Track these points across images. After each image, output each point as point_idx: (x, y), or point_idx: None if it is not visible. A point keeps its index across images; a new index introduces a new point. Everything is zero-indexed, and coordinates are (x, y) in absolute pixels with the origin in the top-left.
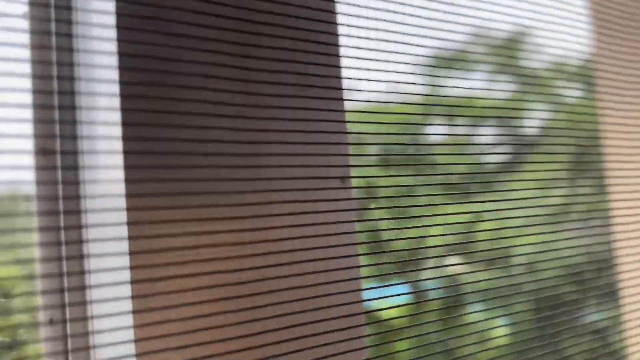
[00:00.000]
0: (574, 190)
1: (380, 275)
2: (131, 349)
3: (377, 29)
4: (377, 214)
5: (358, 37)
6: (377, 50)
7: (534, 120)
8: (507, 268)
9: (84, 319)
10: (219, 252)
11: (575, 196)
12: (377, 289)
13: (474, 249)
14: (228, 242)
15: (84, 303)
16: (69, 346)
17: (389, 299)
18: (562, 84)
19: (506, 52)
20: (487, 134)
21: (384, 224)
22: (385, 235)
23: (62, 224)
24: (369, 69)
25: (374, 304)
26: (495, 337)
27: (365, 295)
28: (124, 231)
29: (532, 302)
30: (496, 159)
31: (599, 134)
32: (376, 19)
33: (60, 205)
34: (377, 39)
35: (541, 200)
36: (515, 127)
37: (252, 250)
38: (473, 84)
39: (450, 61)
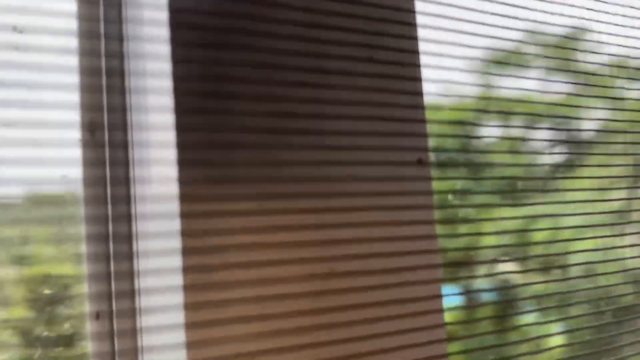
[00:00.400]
0: (635, 192)
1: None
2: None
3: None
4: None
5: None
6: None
7: (592, 120)
8: (564, 273)
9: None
10: (283, 243)
11: (637, 199)
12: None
13: (530, 253)
14: (291, 240)
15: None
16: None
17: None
18: (622, 82)
19: (563, 51)
20: (543, 134)
21: (437, 228)
22: (439, 239)
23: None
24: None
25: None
26: (552, 346)
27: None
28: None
29: (591, 308)
30: (553, 160)
31: None
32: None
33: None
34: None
35: (600, 202)
36: (572, 127)
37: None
38: (529, 84)
39: (505, 60)
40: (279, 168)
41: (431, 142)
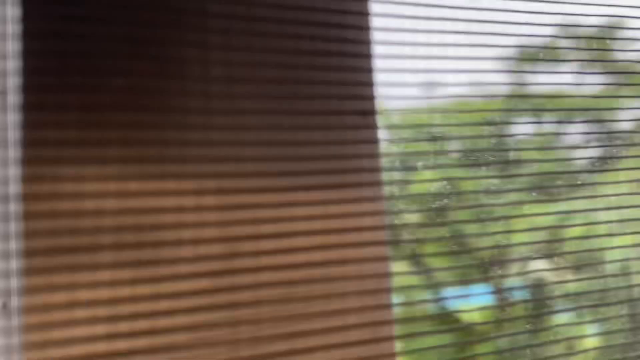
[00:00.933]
0: None
1: (463, 278)
2: None
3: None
4: (460, 215)
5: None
6: (461, 45)
7: (627, 115)
8: (599, 272)
9: None
10: None
11: None
12: (461, 292)
13: (564, 250)
14: None
15: None
16: None
17: (473, 303)
18: None
19: (597, 45)
20: (577, 130)
21: (467, 226)
22: (470, 237)
23: None
24: (453, 65)
25: (458, 307)
26: (586, 348)
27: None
28: None
29: (626, 308)
30: (587, 156)
31: None
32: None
33: None
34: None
35: (635, 200)
36: (607, 123)
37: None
38: (562, 79)
39: (538, 56)
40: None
41: (464, 143)
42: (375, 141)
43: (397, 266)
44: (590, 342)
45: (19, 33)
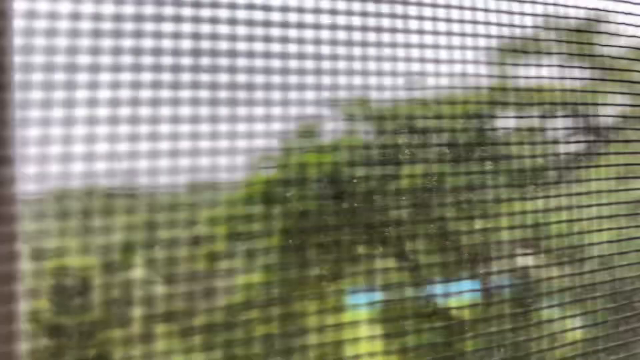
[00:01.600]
0: None
1: (448, 272)
2: None
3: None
4: (445, 210)
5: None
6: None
7: (611, 110)
8: (583, 264)
9: None
10: None
11: None
12: (445, 286)
13: (548, 244)
14: None
15: None
16: None
17: (457, 296)
18: None
19: (580, 39)
20: (560, 125)
21: (452, 221)
22: (454, 233)
23: None
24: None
25: (443, 301)
26: (572, 341)
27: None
28: None
29: (610, 300)
30: (570, 151)
31: None
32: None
33: None
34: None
35: (620, 192)
36: (590, 117)
37: None
38: (545, 72)
39: (520, 49)
40: None
41: (447, 137)
42: None
43: (384, 262)
44: (573, 331)
45: None
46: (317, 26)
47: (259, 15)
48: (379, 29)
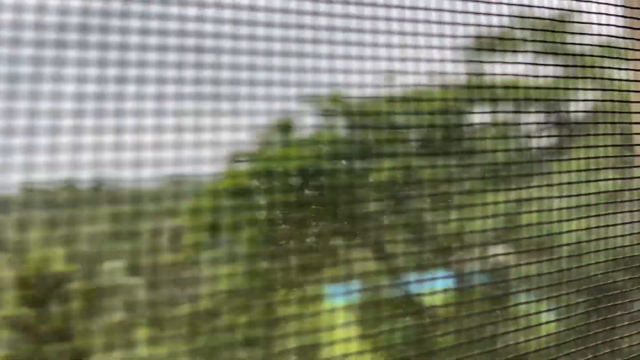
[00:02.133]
0: (623, 173)
1: (422, 264)
2: None
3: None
4: (420, 203)
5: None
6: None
7: (581, 103)
8: (554, 256)
9: None
10: None
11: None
12: (420, 279)
13: (519, 236)
14: None
15: None
16: None
17: (432, 289)
18: (611, 64)
19: (552, 35)
20: (532, 119)
21: (427, 213)
22: (428, 224)
23: None
24: (409, 54)
25: (419, 291)
26: (546, 330)
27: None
28: None
29: (581, 291)
30: (542, 145)
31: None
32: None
33: None
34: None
35: (590, 185)
36: (561, 112)
37: None
38: (518, 68)
39: (492, 45)
40: None
41: (420, 133)
42: None
43: (360, 253)
44: (546, 322)
45: None
46: (300, 26)
47: (242, 14)
48: (347, 22)
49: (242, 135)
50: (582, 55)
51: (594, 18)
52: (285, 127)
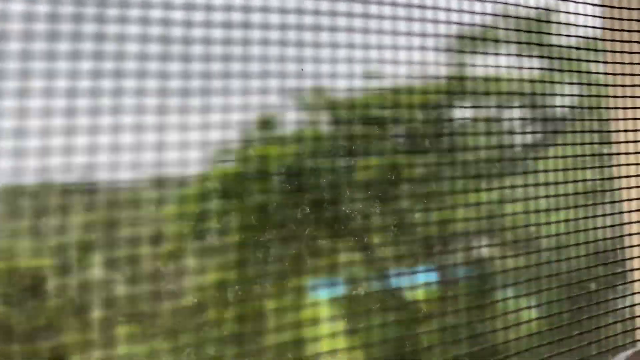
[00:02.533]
0: (606, 170)
1: (407, 259)
2: None
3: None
4: (404, 199)
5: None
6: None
7: (563, 99)
8: (536, 250)
9: None
10: None
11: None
12: (405, 274)
13: (502, 231)
14: None
15: None
16: None
17: (416, 284)
18: (589, 64)
19: (535, 29)
20: (515, 115)
21: (411, 210)
22: (413, 220)
23: None
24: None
25: (402, 286)
26: (529, 322)
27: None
28: None
29: (562, 285)
30: (525, 141)
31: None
32: None
33: None
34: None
35: (572, 180)
36: (545, 108)
37: None
38: (501, 62)
39: (476, 39)
40: None
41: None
42: None
43: (346, 253)
44: (529, 316)
45: None
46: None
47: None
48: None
49: (226, 132)
50: (560, 57)
51: (572, 19)
52: (268, 124)
